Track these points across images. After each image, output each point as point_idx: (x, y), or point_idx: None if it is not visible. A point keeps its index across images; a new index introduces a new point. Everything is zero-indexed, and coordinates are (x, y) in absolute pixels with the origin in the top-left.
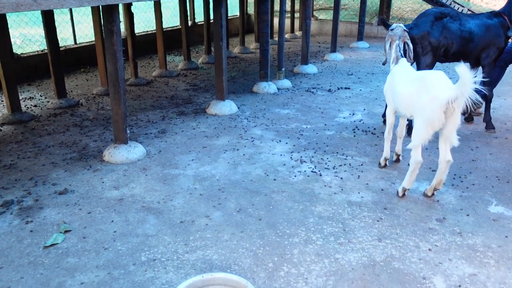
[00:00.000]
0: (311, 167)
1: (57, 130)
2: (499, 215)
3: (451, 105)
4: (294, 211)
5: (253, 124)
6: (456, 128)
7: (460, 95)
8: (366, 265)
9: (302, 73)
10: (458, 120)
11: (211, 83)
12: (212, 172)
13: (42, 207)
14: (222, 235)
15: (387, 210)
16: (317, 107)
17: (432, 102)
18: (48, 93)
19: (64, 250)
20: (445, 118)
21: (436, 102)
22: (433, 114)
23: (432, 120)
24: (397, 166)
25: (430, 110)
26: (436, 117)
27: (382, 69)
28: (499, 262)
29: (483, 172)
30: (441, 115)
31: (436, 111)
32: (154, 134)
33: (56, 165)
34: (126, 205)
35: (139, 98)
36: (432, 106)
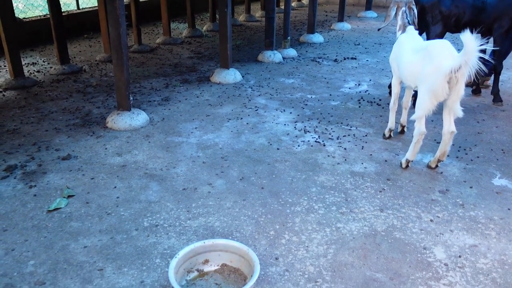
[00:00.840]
0: (314, 137)
1: (60, 96)
2: (502, 188)
3: (454, 74)
4: (296, 180)
5: (257, 93)
6: (460, 99)
7: (464, 65)
8: (367, 234)
9: (308, 43)
10: (462, 90)
11: (215, 51)
12: (215, 141)
13: (45, 172)
14: (224, 203)
15: (390, 181)
16: (323, 77)
17: (435, 71)
18: (51, 58)
19: (67, 214)
20: (449, 88)
21: (440, 72)
22: (436, 84)
23: (435, 90)
24: (401, 138)
25: (433, 80)
26: (439, 87)
27: (390, 40)
28: (500, 234)
29: (488, 145)
30: (444, 85)
31: (439, 81)
32: (157, 101)
33: (59, 131)
34: (129, 171)
35: (142, 65)
36: (436, 75)
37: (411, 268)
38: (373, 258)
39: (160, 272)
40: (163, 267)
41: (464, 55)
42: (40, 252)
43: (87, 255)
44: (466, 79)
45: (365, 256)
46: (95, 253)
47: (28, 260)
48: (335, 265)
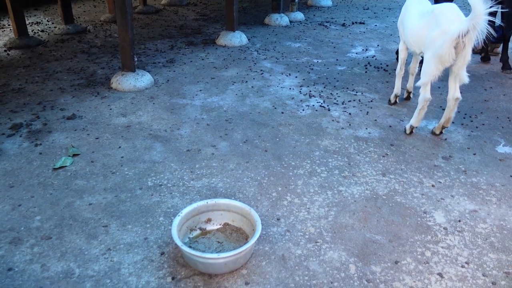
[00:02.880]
0: (319, 102)
1: (64, 56)
2: (506, 155)
3: (461, 39)
4: (300, 144)
5: (263, 56)
6: (466, 64)
7: (471, 29)
8: (369, 198)
9: (316, 6)
10: (468, 56)
11: (221, 14)
12: (220, 103)
13: (50, 131)
14: (227, 165)
15: (394, 146)
16: (330, 41)
17: (442, 36)
18: (55, 18)
19: (72, 172)
20: (456, 53)
21: (446, 36)
22: (443, 49)
23: (442, 55)
24: (407, 104)
25: (440, 44)
26: (446, 52)
27: (400, 4)
28: (501, 200)
29: (494, 112)
30: (451, 50)
31: (446, 45)
32: (162, 63)
33: (64, 91)
34: (133, 132)
35: (147, 27)
36: (442, 40)
37: (410, 231)
38: (374, 221)
39: (164, 229)
40: (167, 225)
41: (472, 19)
42: (46, 208)
43: (92, 212)
44: (473, 44)
45: (365, 218)
46: (100, 210)
47: (35, 215)
48: (335, 226)
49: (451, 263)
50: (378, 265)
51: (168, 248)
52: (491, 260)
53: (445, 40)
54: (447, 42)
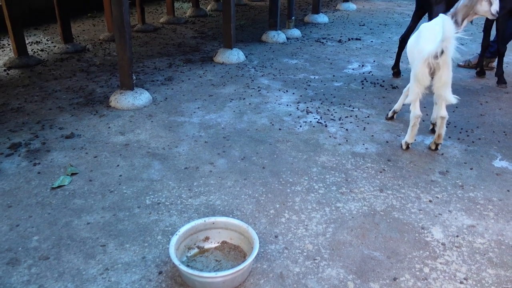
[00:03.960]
0: (317, 118)
1: (63, 75)
2: (502, 170)
3: (432, 60)
4: (297, 160)
5: (261, 73)
6: (446, 86)
7: (445, 50)
8: (366, 214)
9: (313, 23)
10: (445, 77)
11: (219, 31)
12: (218, 120)
13: (49, 150)
14: (225, 182)
15: (391, 161)
16: (326, 57)
17: (418, 55)
18: (55, 37)
19: (71, 191)
20: (430, 74)
21: (421, 56)
22: (417, 68)
23: (416, 75)
24: (403, 119)
25: (416, 64)
26: (419, 72)
27: (395, 20)
28: (498, 214)
29: (490, 126)
30: (424, 70)
31: (419, 65)
32: (160, 81)
33: (63, 110)
34: (131, 150)
35: (146, 45)
36: (418, 60)
37: (408, 247)
38: (372, 237)
39: (162, 248)
40: (164, 244)
41: (442, 41)
42: (44, 228)
43: (90, 231)
44: (448, 66)
45: (363, 235)
46: (98, 229)
47: (33, 235)
48: (333, 243)
49: (449, 279)
50: (376, 282)
51: (166, 267)
52: (489, 276)
53: (420, 60)
54: (420, 62)
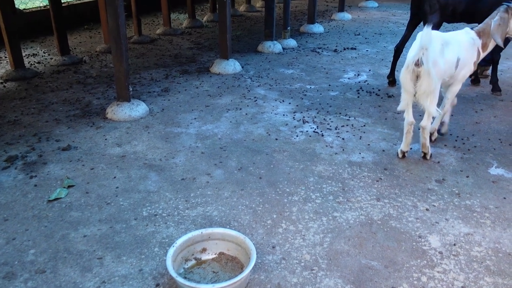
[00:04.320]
0: (313, 127)
1: (60, 87)
2: (498, 177)
3: (414, 67)
4: (294, 170)
5: (257, 83)
6: (425, 95)
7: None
8: (364, 223)
9: (308, 33)
10: (424, 87)
11: (215, 42)
12: (214, 131)
13: (46, 162)
14: (222, 193)
15: (387, 170)
16: (322, 67)
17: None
18: (52, 49)
19: (67, 204)
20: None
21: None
22: (401, 74)
23: (400, 80)
24: (399, 128)
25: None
26: (401, 77)
27: (390, 30)
28: (495, 222)
29: (486, 134)
30: (405, 76)
31: (402, 71)
32: (157, 92)
33: (60, 122)
34: (128, 162)
35: (142, 56)
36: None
37: (406, 256)
38: (369, 246)
39: (159, 260)
40: (161, 256)
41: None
42: (41, 241)
43: (86, 244)
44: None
45: (361, 244)
46: (95, 242)
47: (29, 249)
48: (331, 253)
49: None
50: None
51: (163, 279)
52: (487, 284)
53: (403, 67)
54: (404, 69)
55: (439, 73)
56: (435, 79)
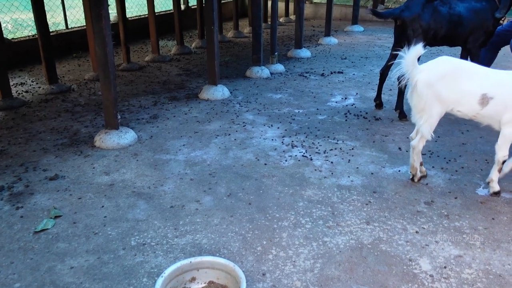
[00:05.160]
0: (302, 152)
1: (48, 116)
2: (486, 198)
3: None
4: (284, 195)
5: (245, 108)
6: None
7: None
8: (354, 248)
9: (296, 57)
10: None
11: (204, 68)
12: (203, 157)
13: (32, 192)
14: (212, 220)
15: (376, 193)
16: (310, 91)
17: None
18: (40, 78)
19: (54, 235)
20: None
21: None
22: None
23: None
24: (387, 150)
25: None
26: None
27: (376, 53)
28: (484, 243)
29: (472, 155)
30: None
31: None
32: (145, 119)
33: (47, 151)
34: (116, 190)
35: (131, 84)
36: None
37: (397, 280)
38: (360, 271)
39: None
40: (150, 286)
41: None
42: (26, 274)
43: (73, 276)
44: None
45: (351, 269)
46: (82, 273)
47: (14, 283)
48: (322, 279)
49: None
50: None
51: None
52: None
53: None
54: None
55: (437, 98)
56: (426, 100)
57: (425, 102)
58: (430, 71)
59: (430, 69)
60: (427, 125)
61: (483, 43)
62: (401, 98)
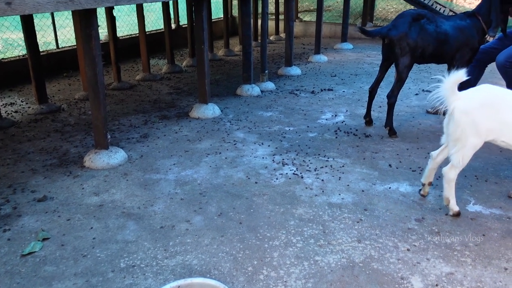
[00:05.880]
0: (292, 170)
1: (37, 136)
2: (476, 214)
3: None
4: (275, 214)
5: (236, 127)
6: (452, 141)
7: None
8: (345, 266)
9: (286, 75)
10: (449, 130)
11: (194, 86)
12: (194, 176)
13: (20, 214)
14: (202, 240)
15: (367, 211)
16: (300, 109)
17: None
18: (30, 98)
19: (41, 258)
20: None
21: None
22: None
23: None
24: (377, 167)
25: None
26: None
27: (366, 70)
28: (475, 260)
29: (462, 171)
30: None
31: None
32: (136, 138)
33: (36, 172)
34: (106, 211)
35: (121, 103)
36: None
37: None
38: None
39: None
40: None
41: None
42: None
43: None
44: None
45: None
46: None
47: None
48: None
49: None
50: None
51: None
52: None
53: None
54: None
55: (475, 127)
56: (463, 129)
57: (462, 131)
58: (469, 99)
59: (469, 97)
60: (459, 154)
61: (469, 60)
62: (391, 115)
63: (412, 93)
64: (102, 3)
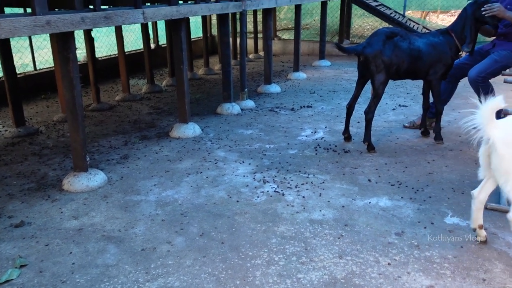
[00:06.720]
0: (274, 187)
1: (14, 160)
2: (454, 226)
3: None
4: (256, 232)
5: (217, 146)
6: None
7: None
8: (327, 283)
9: (266, 93)
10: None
11: (175, 106)
12: (175, 197)
13: None
14: (184, 261)
15: (348, 226)
16: (280, 126)
17: None
18: (7, 121)
19: (19, 286)
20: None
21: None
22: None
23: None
24: (357, 182)
25: None
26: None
27: (343, 87)
28: (454, 272)
29: (439, 184)
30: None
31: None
32: (116, 160)
33: (13, 197)
34: (85, 235)
35: (101, 124)
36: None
37: None
38: None
39: None
40: None
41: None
42: None
43: None
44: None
45: None
46: None
47: None
48: None
49: None
50: None
51: None
52: None
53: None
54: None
55: None
56: (510, 160)
57: (509, 163)
58: (508, 128)
59: (508, 126)
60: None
61: (443, 75)
62: (369, 131)
63: (389, 108)
64: (80, 26)
